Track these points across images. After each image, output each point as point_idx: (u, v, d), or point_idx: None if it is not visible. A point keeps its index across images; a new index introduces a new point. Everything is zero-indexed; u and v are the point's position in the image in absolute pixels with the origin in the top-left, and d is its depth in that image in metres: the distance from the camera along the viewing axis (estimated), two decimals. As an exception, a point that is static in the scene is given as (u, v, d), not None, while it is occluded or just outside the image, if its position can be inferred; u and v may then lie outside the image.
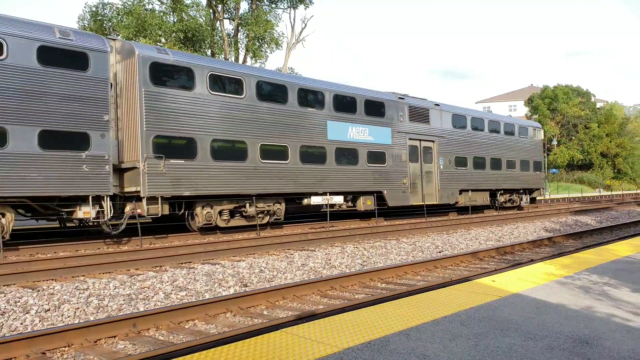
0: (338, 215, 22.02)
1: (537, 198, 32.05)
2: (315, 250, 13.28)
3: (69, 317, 7.40)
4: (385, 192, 20.38)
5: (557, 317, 5.05)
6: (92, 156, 12.81)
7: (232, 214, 16.14)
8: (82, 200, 12.87)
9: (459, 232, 18.15)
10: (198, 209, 15.18)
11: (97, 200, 13.03)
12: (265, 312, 7.69)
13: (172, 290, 8.91)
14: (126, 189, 14.13)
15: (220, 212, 15.73)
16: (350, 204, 19.70)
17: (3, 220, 11.93)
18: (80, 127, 12.65)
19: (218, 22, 38.24)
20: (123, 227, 13.67)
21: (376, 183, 20.08)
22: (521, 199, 29.06)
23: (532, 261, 11.42)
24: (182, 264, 11.38)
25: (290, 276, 10.43)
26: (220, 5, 37.97)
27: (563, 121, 62.72)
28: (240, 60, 38.65)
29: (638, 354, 3.98)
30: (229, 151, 15.61)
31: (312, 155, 17.89)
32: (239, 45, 39.41)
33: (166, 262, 11.27)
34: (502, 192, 27.47)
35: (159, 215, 14.20)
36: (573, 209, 29.20)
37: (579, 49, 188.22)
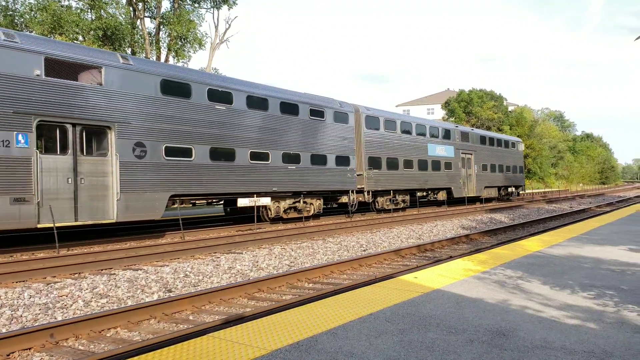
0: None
1: (520, 192, 44.31)
2: (242, 253, 13.18)
3: (-23, 330, 6.93)
4: (452, 188, 30.81)
5: (475, 311, 5.31)
6: (350, 169, 22.95)
7: (389, 201, 26.24)
8: (344, 193, 23.07)
9: (382, 230, 18.61)
10: (379, 198, 25.66)
11: (347, 193, 23.12)
12: (191, 317, 7.55)
13: (92, 297, 8.55)
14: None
15: (385, 200, 26.09)
16: (431, 196, 30.58)
17: (320, 202, 21.85)
18: (346, 153, 22.79)
19: (139, 20, 37.05)
20: (355, 208, 23.57)
21: (448, 182, 30.44)
22: (512, 193, 40.76)
23: (451, 258, 11.89)
24: (102, 270, 10.96)
25: (216, 280, 10.29)
26: (140, 4, 36.82)
27: (478, 123, 65.54)
28: (162, 59, 37.62)
29: (549, 342, 4.27)
30: (392, 164, 25.79)
31: (422, 165, 28.19)
32: (161, 44, 38.41)
33: (85, 269, 10.81)
34: (503, 187, 38.80)
35: (369, 201, 24.67)
36: (488, 207, 30.69)
37: (492, 55, 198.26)
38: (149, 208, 14.82)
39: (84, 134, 13.46)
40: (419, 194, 28.93)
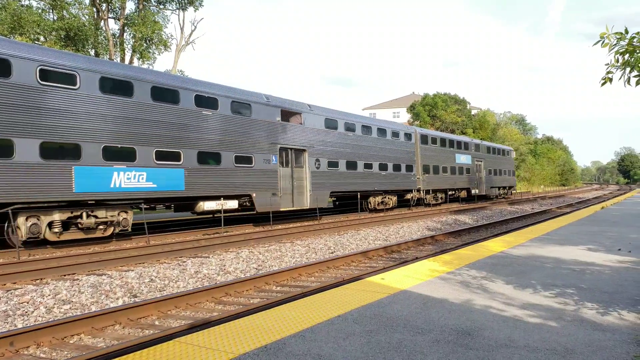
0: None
1: (512, 192, 53.38)
2: (209, 257, 13.06)
3: None
4: (470, 188, 39.05)
5: (441, 311, 5.39)
6: (412, 174, 30.58)
7: (433, 198, 33.70)
8: (408, 191, 30.68)
9: (350, 232, 18.70)
10: (427, 196, 32.34)
11: (411, 191, 30.86)
12: (157, 323, 7.45)
13: (54, 303, 8.35)
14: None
15: (431, 197, 33.27)
16: (457, 194, 37.80)
17: (395, 198, 29.71)
18: (411, 162, 30.56)
19: (102, 21, 36.34)
20: (414, 202, 31.58)
21: (467, 184, 38.71)
22: (507, 192, 49.38)
23: (416, 259, 12.03)
24: (65, 275, 10.70)
25: (182, 284, 10.17)
26: (104, 4, 36.14)
27: (442, 127, 66.45)
28: (127, 61, 37.00)
29: (513, 341, 4.37)
30: (435, 169, 33.53)
31: (452, 171, 36.25)
32: (125, 46, 37.77)
33: (48, 274, 10.53)
34: (501, 188, 47.28)
35: (424, 198, 31.94)
36: (452, 209, 31.16)
37: (455, 60, 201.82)
38: (322, 200, 23.01)
39: (294, 154, 21.64)
40: (450, 192, 36.30)
